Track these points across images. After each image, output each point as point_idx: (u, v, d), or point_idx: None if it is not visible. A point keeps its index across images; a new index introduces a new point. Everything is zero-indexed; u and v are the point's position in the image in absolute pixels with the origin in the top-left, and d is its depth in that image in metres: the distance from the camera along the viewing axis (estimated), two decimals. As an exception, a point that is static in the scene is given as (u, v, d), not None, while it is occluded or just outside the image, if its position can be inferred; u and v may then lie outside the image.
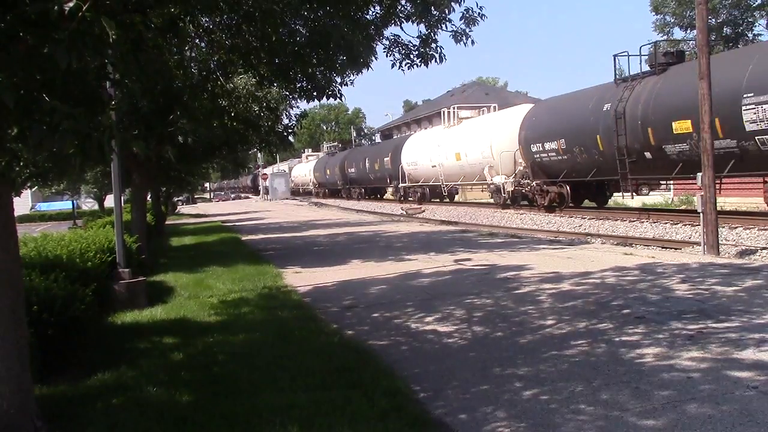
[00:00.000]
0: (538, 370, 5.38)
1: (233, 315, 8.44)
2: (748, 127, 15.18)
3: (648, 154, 18.80)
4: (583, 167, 22.01)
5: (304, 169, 70.95)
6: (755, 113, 15.05)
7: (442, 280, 10.46)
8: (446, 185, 33.36)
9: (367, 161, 46.02)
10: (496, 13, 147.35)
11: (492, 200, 29.25)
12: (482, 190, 32.37)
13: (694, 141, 16.52)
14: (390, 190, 42.69)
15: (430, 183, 35.16)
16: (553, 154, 23.25)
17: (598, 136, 20.61)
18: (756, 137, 15.19)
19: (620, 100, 19.56)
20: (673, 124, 17.50)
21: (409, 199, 37.73)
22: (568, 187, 23.41)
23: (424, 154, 35.22)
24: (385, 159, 41.71)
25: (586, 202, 25.00)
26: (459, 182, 32.40)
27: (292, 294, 9.90)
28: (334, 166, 54.82)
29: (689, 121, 16.70)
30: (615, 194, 23.97)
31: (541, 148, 23.89)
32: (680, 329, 6.34)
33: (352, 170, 49.54)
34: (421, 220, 27.77)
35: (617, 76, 21.15)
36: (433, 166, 33.82)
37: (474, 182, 30.81)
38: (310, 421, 4.37)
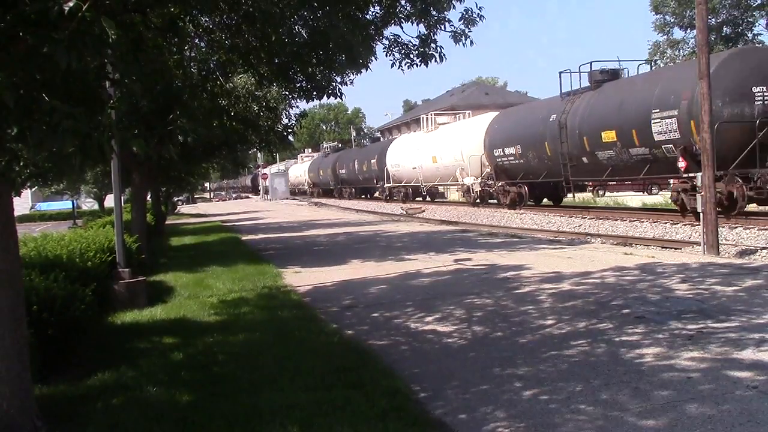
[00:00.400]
0: (538, 370, 5.38)
1: (233, 315, 8.44)
2: (656, 137, 18.04)
3: (585, 159, 21.57)
4: (535, 170, 25.02)
5: (299, 169, 73.05)
6: (660, 126, 17.81)
7: (442, 279, 10.46)
8: (425, 185, 36.72)
9: (356, 163, 48.63)
10: (496, 13, 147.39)
11: (463, 199, 32.37)
12: (457, 190, 35.01)
13: (618, 148, 19.61)
14: (378, 190, 45.96)
15: (412, 183, 38.43)
16: (512, 158, 26.31)
17: (546, 143, 23.41)
18: (662, 146, 18.00)
19: (563, 112, 22.45)
20: (602, 133, 20.17)
21: (394, 198, 40.71)
22: (526, 188, 26.37)
23: (405, 156, 38.49)
24: (372, 161, 44.30)
25: (545, 201, 27.95)
26: (435, 183, 35.61)
27: (292, 294, 9.90)
28: (327, 167, 57.32)
29: (614, 131, 19.56)
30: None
31: (502, 153, 27.03)
32: (680, 329, 6.34)
33: (343, 171, 52.23)
34: (421, 220, 27.78)
35: (562, 91, 23.65)
36: (413, 168, 37.13)
37: (448, 183, 34.23)
38: (310, 421, 4.37)
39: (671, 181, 19.62)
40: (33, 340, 4.92)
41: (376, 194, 46.77)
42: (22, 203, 45.81)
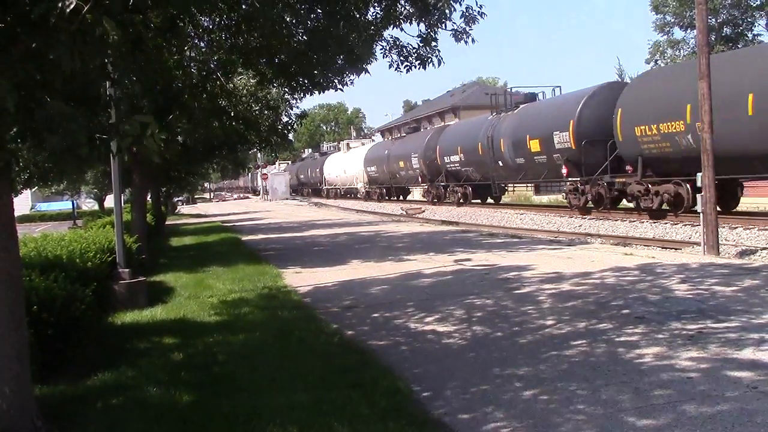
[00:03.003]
0: (538, 370, 5.38)
1: (233, 315, 8.44)
2: (414, 167, 37.96)
3: (396, 176, 41.32)
4: (385, 179, 44.81)
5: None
6: (415, 162, 37.13)
7: (443, 280, 10.46)
8: (342, 188, 56.83)
9: (309, 170, 69.42)
10: (497, 13, 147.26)
11: (361, 197, 51.00)
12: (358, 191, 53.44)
13: (405, 170, 39.53)
14: (321, 190, 65.66)
15: (336, 186, 58.54)
16: (374, 172, 46.50)
17: (384, 165, 43.36)
18: (416, 170, 37.61)
19: (389, 149, 43.16)
20: (399, 162, 39.82)
21: (330, 195, 60.32)
22: (385, 189, 45.86)
23: (333, 168, 58.53)
24: (317, 170, 64.14)
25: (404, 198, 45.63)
26: (347, 186, 54.93)
27: (292, 294, 9.90)
28: (294, 172, 76.75)
29: (402, 161, 39.44)
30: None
31: (370, 169, 47.19)
32: (680, 329, 6.34)
33: (303, 176, 73.00)
34: (421, 220, 27.79)
35: (391, 135, 50.33)
36: (336, 176, 57.51)
37: (352, 186, 53.37)
38: (310, 421, 4.37)
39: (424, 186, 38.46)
40: (33, 340, 4.92)
41: (322, 194, 63.62)
42: (22, 203, 45.79)
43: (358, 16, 7.13)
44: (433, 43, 7.67)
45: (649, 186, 19.19)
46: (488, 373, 5.44)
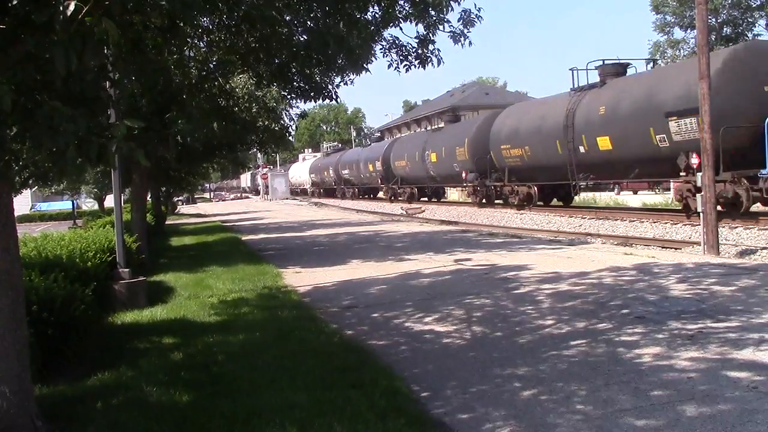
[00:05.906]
0: (538, 370, 5.38)
1: (233, 315, 8.44)
2: (341, 174, 58.52)
3: (322, 182, 65.45)
4: (320, 184, 65.57)
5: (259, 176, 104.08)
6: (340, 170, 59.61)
7: (442, 280, 10.46)
8: (301, 188, 75.29)
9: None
10: (497, 13, 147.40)
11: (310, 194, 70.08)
12: (309, 190, 72.71)
13: (335, 176, 60.41)
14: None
15: (296, 187, 76.08)
16: (314, 178, 66.76)
17: (319, 173, 64.68)
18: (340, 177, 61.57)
19: (321, 163, 65.54)
20: (324, 172, 63.53)
21: (296, 194, 75.97)
22: (321, 190, 65.51)
23: (294, 173, 77.28)
24: (287, 173, 79.39)
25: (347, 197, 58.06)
26: (301, 187, 74.80)
27: (291, 294, 9.90)
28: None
29: (318, 173, 66.66)
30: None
31: (312, 176, 67.61)
32: (679, 329, 6.34)
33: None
34: (421, 220, 27.80)
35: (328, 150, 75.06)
36: (296, 180, 75.95)
37: (304, 187, 73.69)
38: (310, 421, 4.37)
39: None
40: (33, 340, 4.92)
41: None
42: (22, 203, 45.74)
43: (357, 15, 7.12)
44: (431, 46, 7.68)
45: (395, 188, 43.05)
46: (487, 372, 5.45)
